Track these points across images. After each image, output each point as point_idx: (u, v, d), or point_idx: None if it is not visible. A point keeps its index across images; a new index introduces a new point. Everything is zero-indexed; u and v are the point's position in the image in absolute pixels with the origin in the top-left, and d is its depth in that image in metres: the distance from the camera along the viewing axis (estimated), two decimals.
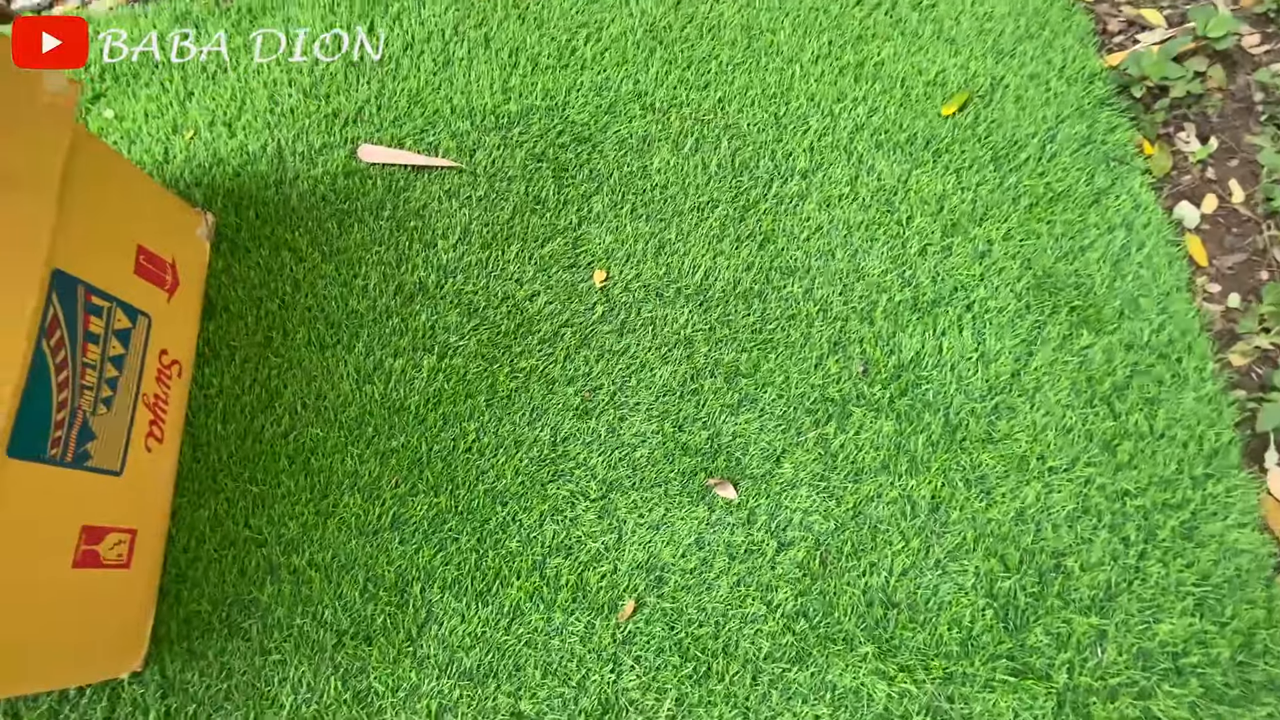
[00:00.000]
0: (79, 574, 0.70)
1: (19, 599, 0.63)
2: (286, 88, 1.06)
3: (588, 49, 1.07)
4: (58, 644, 0.69)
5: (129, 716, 0.75)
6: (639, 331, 0.90)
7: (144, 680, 0.77)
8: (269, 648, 0.78)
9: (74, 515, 0.69)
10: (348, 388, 0.88)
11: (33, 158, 0.67)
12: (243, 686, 0.76)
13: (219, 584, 0.80)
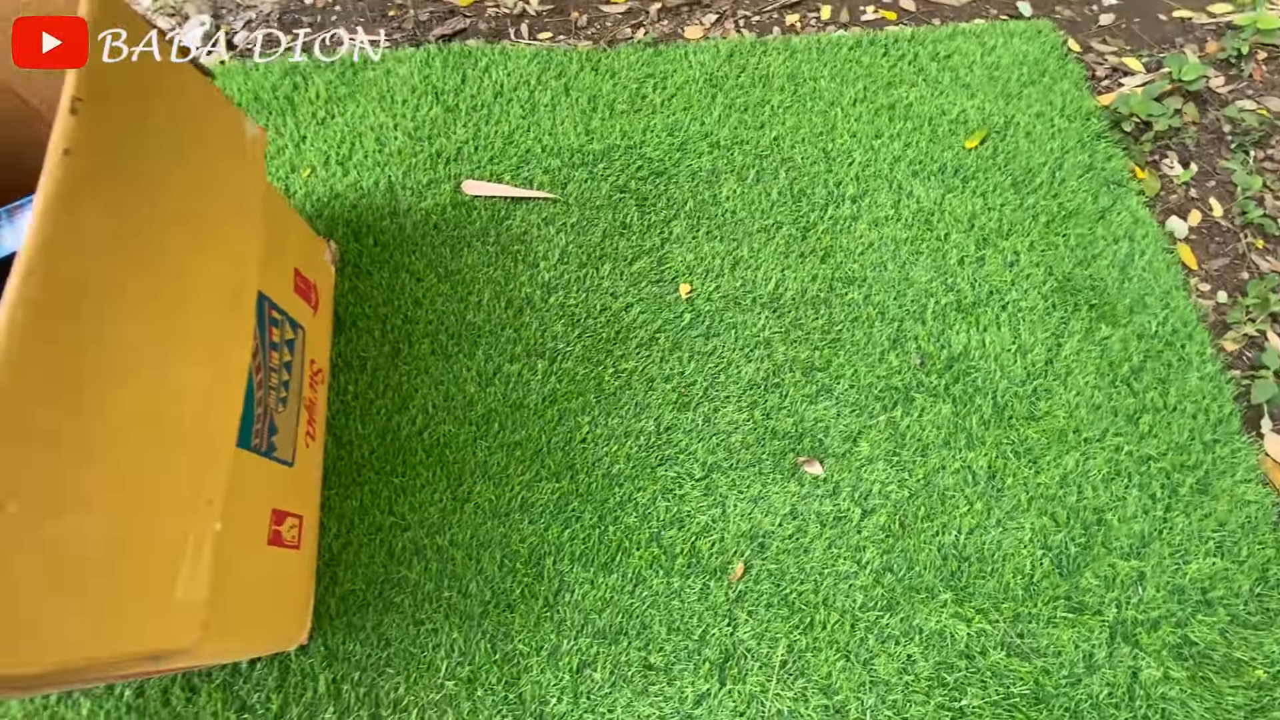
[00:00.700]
0: (271, 551, 0.79)
1: (241, 572, 0.73)
2: (392, 131, 1.20)
3: (656, 96, 1.23)
4: (253, 615, 0.79)
5: (299, 684, 0.84)
6: (723, 335, 1.04)
7: (310, 652, 0.86)
8: (421, 619, 0.87)
9: (267, 498, 0.79)
10: (473, 389, 1.00)
11: (247, 189, 0.79)
12: (400, 654, 0.86)
13: (370, 565, 0.90)
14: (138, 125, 0.63)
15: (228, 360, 0.70)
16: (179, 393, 0.63)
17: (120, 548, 0.54)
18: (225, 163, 0.79)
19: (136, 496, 0.56)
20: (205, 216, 0.71)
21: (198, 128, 0.74)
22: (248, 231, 0.78)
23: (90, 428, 0.53)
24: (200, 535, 0.63)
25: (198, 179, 0.71)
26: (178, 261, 0.65)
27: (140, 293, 0.60)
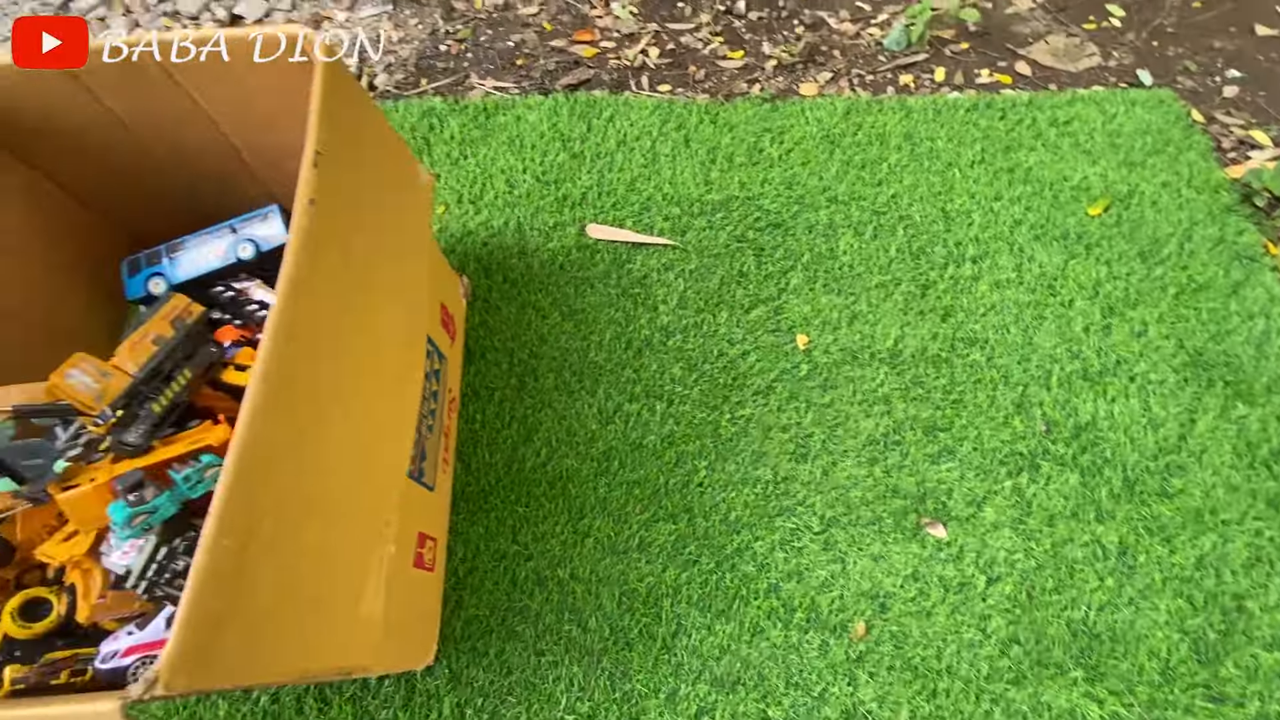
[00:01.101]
0: (414, 573, 0.83)
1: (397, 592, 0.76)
2: (521, 174, 1.26)
3: (774, 150, 1.27)
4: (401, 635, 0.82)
5: (424, 705, 0.87)
6: (841, 388, 1.05)
7: (435, 673, 0.89)
8: (542, 649, 0.89)
9: (416, 522, 0.83)
10: (594, 426, 1.03)
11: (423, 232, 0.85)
12: (522, 683, 0.88)
13: (494, 591, 0.93)
14: (355, 175, 0.70)
15: (405, 392, 0.75)
16: (373, 423, 0.67)
17: (328, 566, 0.58)
18: (409, 208, 0.85)
19: (341, 519, 0.60)
20: (395, 257, 0.77)
21: (392, 175, 0.80)
22: (421, 272, 0.84)
23: (313, 454, 0.57)
24: (380, 556, 0.67)
25: (391, 223, 0.77)
26: (376, 300, 0.70)
27: (351, 329, 0.65)
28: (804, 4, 1.53)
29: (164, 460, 0.60)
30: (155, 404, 0.61)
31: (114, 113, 0.79)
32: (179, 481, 0.59)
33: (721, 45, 1.47)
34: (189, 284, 0.92)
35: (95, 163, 0.85)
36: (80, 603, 0.63)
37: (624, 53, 1.46)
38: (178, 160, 0.87)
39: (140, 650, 0.61)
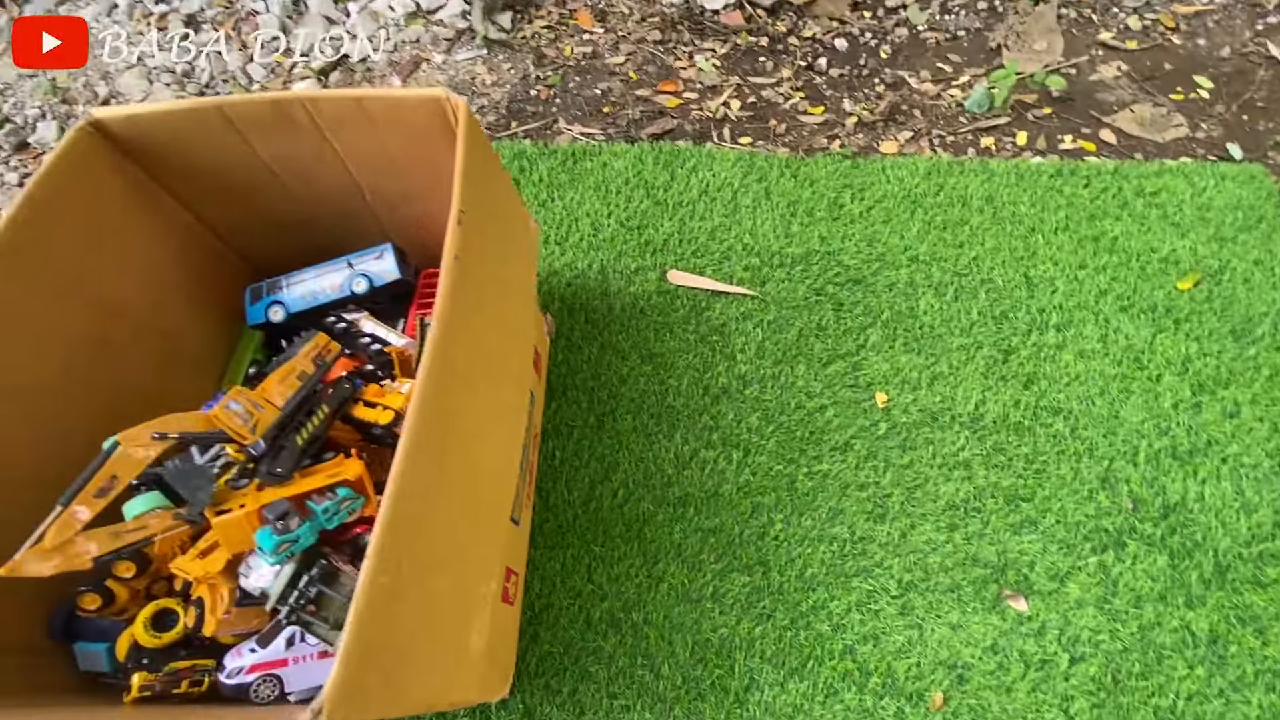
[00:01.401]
0: (502, 607, 0.85)
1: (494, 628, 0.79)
2: (606, 218, 1.31)
3: (854, 206, 1.29)
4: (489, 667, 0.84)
5: None
6: (920, 450, 1.05)
7: (509, 707, 0.90)
8: (615, 692, 0.90)
9: (506, 556, 0.86)
10: (670, 471, 1.05)
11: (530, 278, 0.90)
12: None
13: (569, 629, 0.95)
14: (488, 229, 0.74)
15: (514, 435, 0.78)
16: (491, 466, 0.70)
17: (449, 604, 0.61)
18: (522, 255, 0.90)
19: (461, 559, 0.63)
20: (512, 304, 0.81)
21: (511, 225, 0.85)
22: (529, 317, 0.88)
23: (446, 495, 0.60)
24: (485, 593, 0.70)
25: (509, 271, 0.81)
26: (500, 347, 0.74)
27: (481, 378, 0.68)
28: (885, 63, 1.57)
29: (304, 491, 0.64)
30: (299, 436, 0.66)
31: (259, 155, 0.85)
32: (318, 513, 0.63)
33: (802, 100, 1.50)
34: (304, 313, 0.98)
35: (236, 200, 0.91)
36: (208, 617, 0.66)
37: (707, 104, 1.51)
38: (308, 199, 0.93)
39: (262, 668, 0.65)
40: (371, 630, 0.48)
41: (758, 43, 1.63)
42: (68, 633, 0.75)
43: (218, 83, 1.64)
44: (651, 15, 1.69)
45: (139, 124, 0.80)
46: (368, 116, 0.79)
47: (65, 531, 0.54)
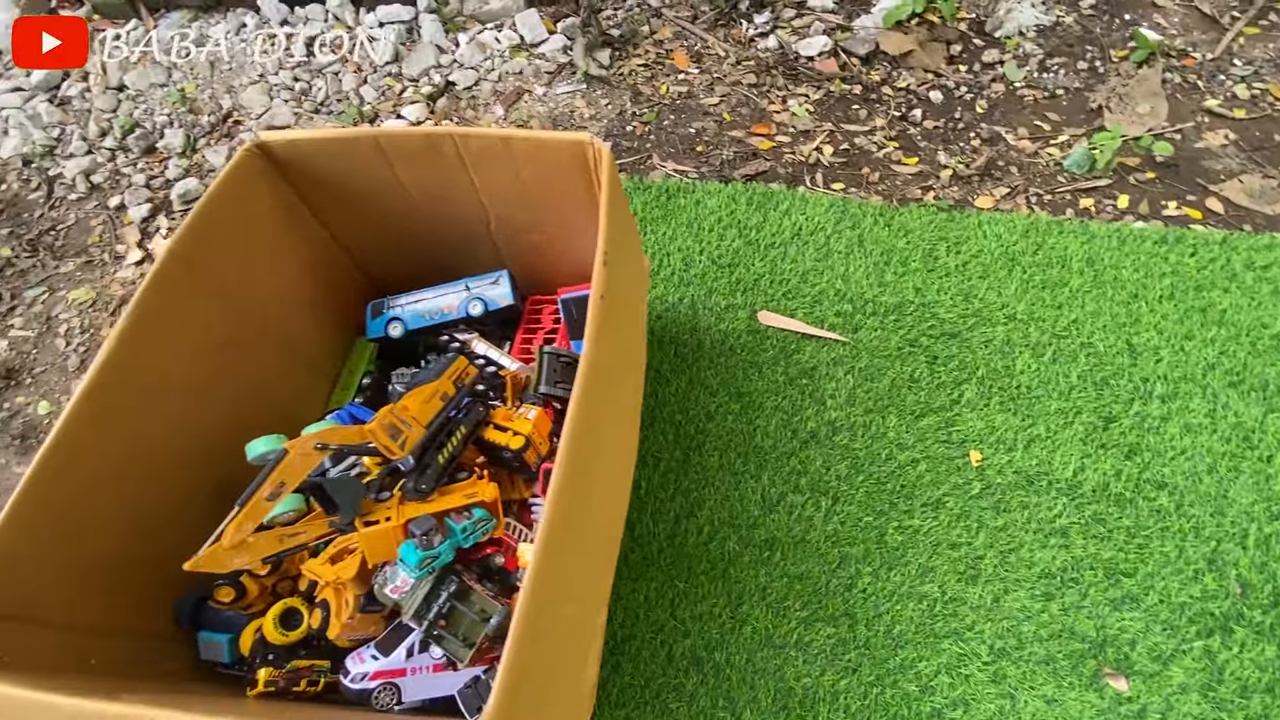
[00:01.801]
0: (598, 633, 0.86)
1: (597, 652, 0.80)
2: (697, 255, 1.33)
3: (950, 259, 1.29)
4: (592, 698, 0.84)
5: None
6: (1015, 513, 1.03)
7: None
8: None
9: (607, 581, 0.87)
10: (756, 512, 1.05)
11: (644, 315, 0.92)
12: None
13: (650, 663, 0.95)
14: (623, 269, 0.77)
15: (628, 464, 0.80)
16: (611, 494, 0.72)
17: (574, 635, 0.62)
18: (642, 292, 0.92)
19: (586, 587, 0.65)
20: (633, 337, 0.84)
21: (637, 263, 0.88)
22: (643, 352, 0.90)
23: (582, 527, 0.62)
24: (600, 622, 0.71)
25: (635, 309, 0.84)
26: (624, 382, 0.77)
27: (610, 411, 0.71)
28: (981, 118, 1.57)
29: (443, 510, 0.67)
30: (441, 455, 0.69)
31: (401, 181, 0.90)
32: (457, 531, 0.65)
33: (896, 150, 1.52)
34: (420, 330, 1.03)
35: (370, 221, 0.97)
36: (333, 620, 0.69)
37: (799, 148, 1.53)
38: (435, 224, 0.98)
39: (383, 676, 0.67)
40: (522, 660, 0.50)
41: (851, 90, 1.65)
42: (194, 622, 0.79)
43: (332, 101, 1.74)
44: (746, 59, 1.73)
45: (299, 148, 0.86)
46: (511, 154, 0.83)
47: (241, 532, 0.58)
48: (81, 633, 0.66)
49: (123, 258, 1.56)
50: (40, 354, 1.44)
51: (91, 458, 0.68)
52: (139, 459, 0.74)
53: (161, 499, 0.77)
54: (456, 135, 0.82)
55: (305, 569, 0.70)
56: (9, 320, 1.50)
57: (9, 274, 1.57)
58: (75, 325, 1.47)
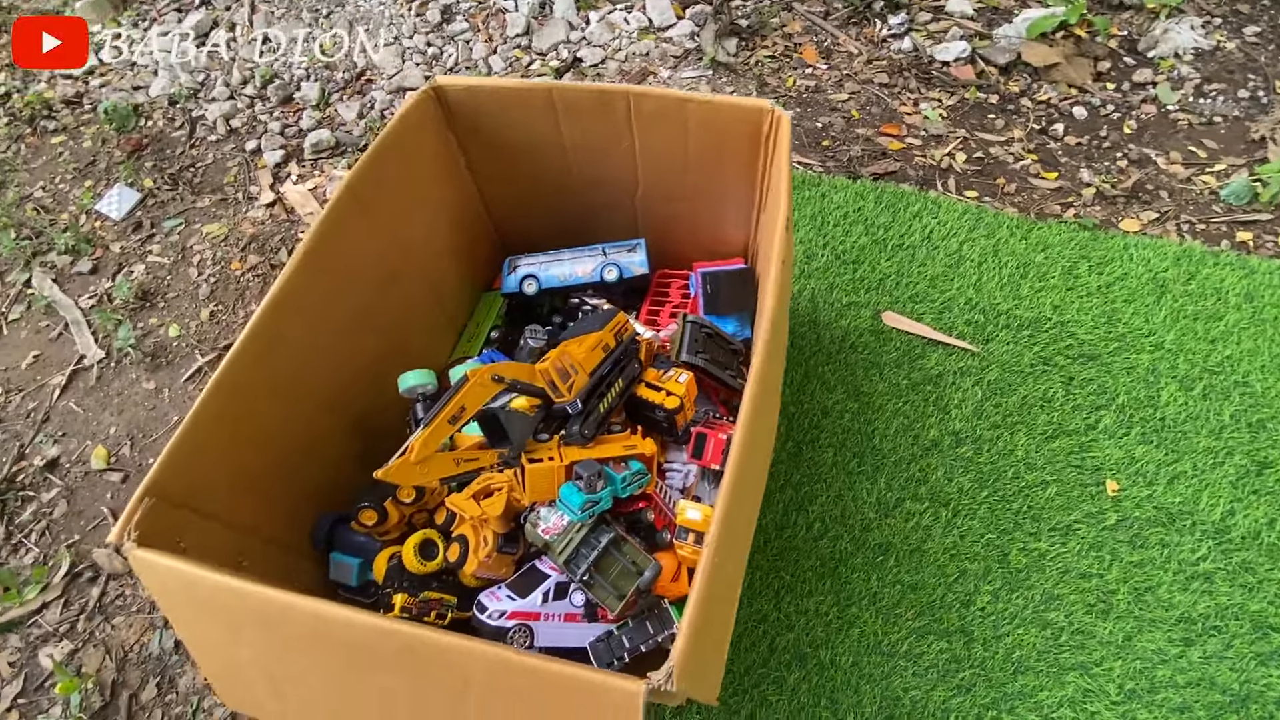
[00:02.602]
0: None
1: None
2: (820, 249, 1.30)
3: (1092, 279, 1.22)
4: None
5: None
6: (1153, 550, 0.96)
7: (686, 716, 0.89)
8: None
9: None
10: (872, 514, 1.02)
11: None
12: None
13: (751, 652, 0.93)
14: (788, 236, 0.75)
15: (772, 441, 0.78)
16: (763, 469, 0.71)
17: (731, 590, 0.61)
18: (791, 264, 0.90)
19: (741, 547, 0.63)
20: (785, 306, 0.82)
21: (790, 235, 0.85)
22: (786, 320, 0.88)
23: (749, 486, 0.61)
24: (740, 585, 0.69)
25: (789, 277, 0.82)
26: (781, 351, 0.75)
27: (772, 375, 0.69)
28: (1129, 138, 1.49)
29: (603, 458, 0.66)
30: (602, 404, 0.68)
31: (563, 138, 0.91)
32: (616, 481, 0.65)
33: (1035, 163, 1.45)
34: (551, 290, 1.03)
35: (519, 178, 0.98)
36: (471, 556, 0.70)
37: (930, 152, 1.48)
38: (583, 187, 0.98)
39: (519, 617, 0.67)
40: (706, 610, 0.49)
41: (987, 99, 1.59)
42: (328, 542, 0.81)
43: (461, 68, 1.78)
44: (878, 59, 1.69)
45: (475, 94, 0.87)
46: (684, 116, 0.82)
47: (427, 450, 0.59)
48: (241, 532, 0.69)
49: (255, 199, 1.63)
50: (174, 281, 1.51)
51: (264, 373, 0.70)
52: (301, 381, 0.76)
53: (312, 423, 0.79)
54: (632, 94, 0.82)
55: (450, 502, 0.71)
56: (148, 247, 1.58)
57: (150, 204, 1.66)
58: (207, 257, 1.54)
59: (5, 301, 1.53)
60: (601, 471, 0.63)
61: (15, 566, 1.15)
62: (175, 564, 0.53)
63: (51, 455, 1.28)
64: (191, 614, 0.55)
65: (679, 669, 0.45)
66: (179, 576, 0.53)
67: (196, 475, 0.63)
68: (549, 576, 0.69)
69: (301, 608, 0.50)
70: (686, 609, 0.47)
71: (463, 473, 0.64)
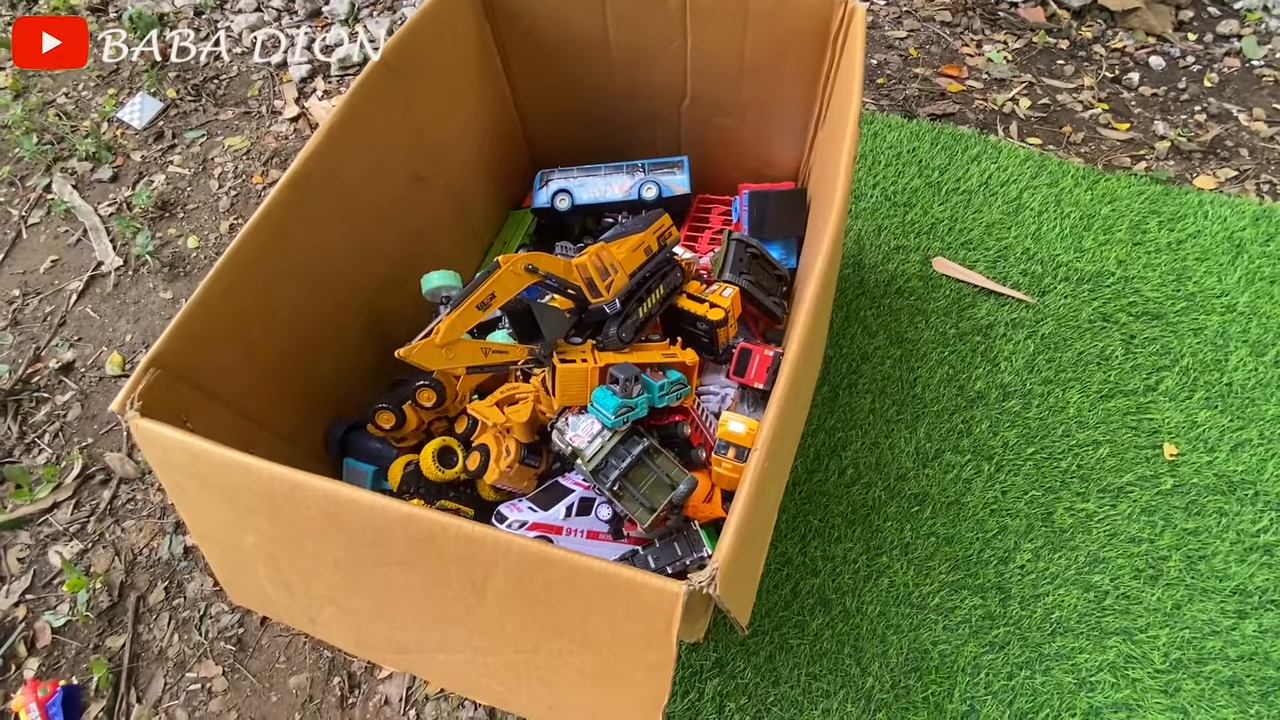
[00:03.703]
0: None
1: None
2: (870, 188, 1.23)
3: (1162, 235, 1.14)
4: None
5: (686, 681, 0.84)
6: (1209, 518, 0.90)
7: (701, 653, 0.86)
8: (816, 673, 0.84)
9: None
10: (909, 464, 0.96)
11: None
12: (789, 699, 0.83)
13: (774, 594, 0.89)
14: None
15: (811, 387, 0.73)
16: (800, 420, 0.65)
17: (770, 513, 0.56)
18: None
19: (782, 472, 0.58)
20: None
21: None
22: None
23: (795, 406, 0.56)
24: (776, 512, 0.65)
25: None
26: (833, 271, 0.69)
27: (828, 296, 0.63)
28: (1209, 92, 1.38)
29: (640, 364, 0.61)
30: (641, 309, 0.63)
31: (609, 37, 0.84)
32: (654, 389, 0.60)
33: (1105, 113, 1.35)
34: (585, 208, 0.97)
35: (558, 82, 0.91)
36: (492, 465, 0.66)
37: (992, 96, 1.39)
38: (625, 94, 0.92)
39: (540, 529, 0.63)
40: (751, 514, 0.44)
41: (1056, 44, 1.48)
42: (341, 448, 0.77)
43: None
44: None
45: None
46: (745, 9, 0.75)
47: (454, 333, 0.54)
48: (250, 421, 0.65)
49: (279, 113, 1.57)
50: (194, 192, 1.47)
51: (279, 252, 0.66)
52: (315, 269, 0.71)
53: (324, 318, 0.75)
54: None
55: (472, 409, 0.67)
56: (169, 157, 1.54)
57: (173, 114, 1.61)
58: (229, 170, 1.49)
59: (26, 205, 1.50)
60: (639, 376, 0.58)
61: (28, 465, 1.14)
62: (179, 436, 0.49)
63: (67, 359, 1.26)
64: (195, 491, 0.52)
65: (723, 572, 0.40)
66: (184, 449, 0.50)
67: (205, 353, 0.59)
68: (573, 491, 0.65)
69: (313, 486, 0.46)
70: (733, 510, 0.43)
71: (490, 364, 0.59)
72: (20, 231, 1.47)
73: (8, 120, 1.63)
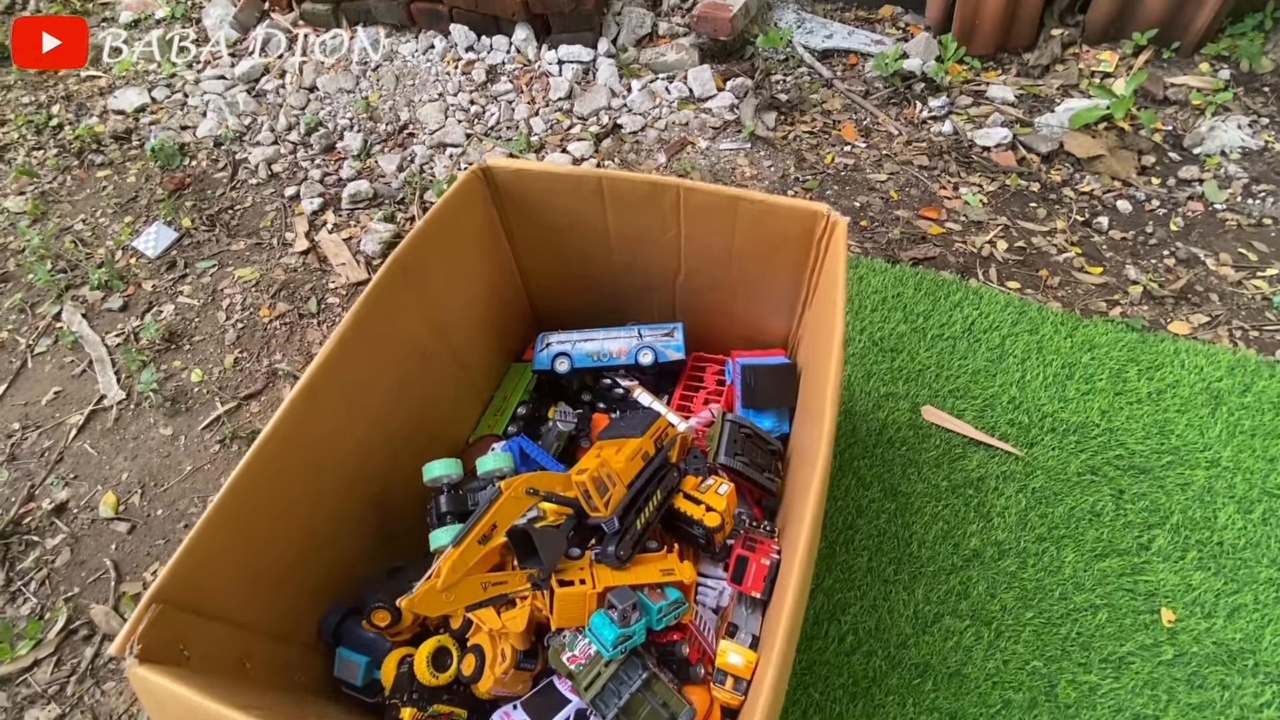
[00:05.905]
0: None
1: None
2: (858, 334, 1.27)
3: (1141, 385, 1.17)
4: None
5: None
6: (1212, 691, 0.89)
7: None
8: None
9: None
10: (908, 629, 0.95)
11: None
12: None
13: None
14: None
15: None
16: None
17: None
18: None
19: None
20: None
21: None
22: None
23: None
24: None
25: None
26: None
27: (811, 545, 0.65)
28: (1176, 236, 1.46)
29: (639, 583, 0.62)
30: (639, 520, 0.65)
31: (608, 224, 0.89)
32: (652, 611, 0.60)
33: (1078, 256, 1.42)
34: (583, 370, 1.01)
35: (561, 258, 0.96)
36: (487, 671, 0.65)
37: (971, 239, 1.46)
38: (624, 272, 0.97)
39: None
40: None
41: (1028, 187, 1.57)
42: (335, 636, 0.76)
43: (503, 128, 1.80)
44: (918, 140, 1.69)
45: (522, 178, 0.86)
46: (734, 214, 0.80)
47: (455, 574, 0.55)
48: (246, 631, 0.64)
49: (290, 245, 1.64)
50: (201, 324, 1.51)
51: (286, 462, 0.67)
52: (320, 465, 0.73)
53: (334, 513, 0.76)
54: (683, 188, 0.80)
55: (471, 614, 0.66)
56: (179, 287, 1.59)
57: (186, 244, 1.67)
58: (237, 301, 1.54)
59: (34, 334, 1.53)
60: (637, 603, 0.59)
61: (12, 617, 1.11)
62: (174, 686, 0.49)
63: (61, 499, 1.26)
64: None
65: None
66: (179, 701, 0.49)
67: (207, 577, 0.59)
68: (569, 702, 0.64)
69: None
70: None
71: (490, 597, 0.59)
72: (26, 360, 1.49)
73: (24, 245, 1.69)
